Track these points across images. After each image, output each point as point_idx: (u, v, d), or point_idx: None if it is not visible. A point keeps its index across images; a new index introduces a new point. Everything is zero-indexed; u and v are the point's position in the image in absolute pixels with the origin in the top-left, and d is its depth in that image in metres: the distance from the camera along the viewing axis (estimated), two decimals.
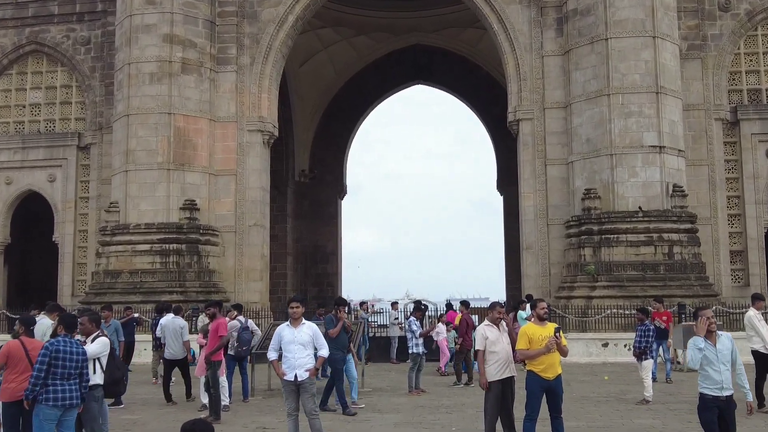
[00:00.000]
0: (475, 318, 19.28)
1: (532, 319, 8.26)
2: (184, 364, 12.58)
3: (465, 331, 15.19)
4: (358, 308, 22.18)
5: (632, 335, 16.99)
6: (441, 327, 17.06)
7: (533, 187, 22.05)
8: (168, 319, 12.75)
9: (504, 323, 8.45)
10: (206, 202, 22.32)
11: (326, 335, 10.90)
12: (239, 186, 22.75)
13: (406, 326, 14.21)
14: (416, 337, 13.87)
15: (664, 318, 15.66)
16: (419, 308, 15.00)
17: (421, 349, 13.89)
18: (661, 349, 15.45)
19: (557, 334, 7.84)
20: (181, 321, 12.78)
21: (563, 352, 7.93)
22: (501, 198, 35.29)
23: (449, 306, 20.07)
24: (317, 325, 8.91)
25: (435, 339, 17.02)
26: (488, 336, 8.23)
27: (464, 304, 16.13)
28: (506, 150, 32.32)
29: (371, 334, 21.68)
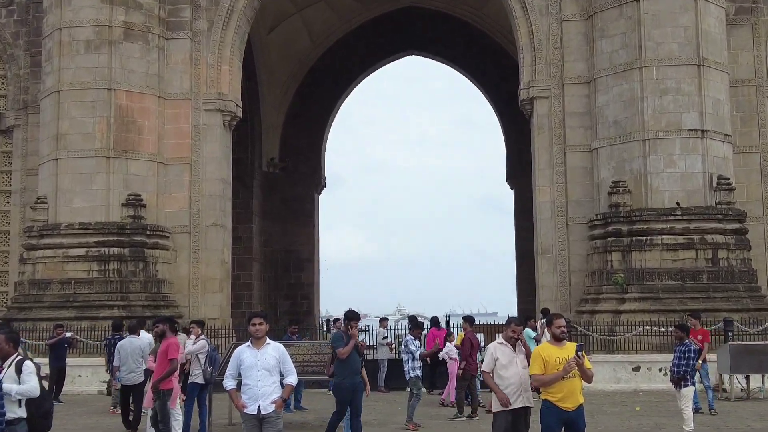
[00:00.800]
0: (480, 337, 19.22)
1: (548, 339, 8.27)
2: (140, 391, 12.75)
3: (469, 352, 15.14)
4: (331, 325, 22.03)
5: (669, 357, 16.97)
6: (450, 347, 16.97)
7: (550, 179, 22.08)
8: (126, 341, 13.11)
9: (522, 344, 8.48)
10: (154, 197, 22.22)
11: (334, 356, 10.98)
12: (195, 178, 22.64)
13: (403, 346, 14.28)
14: (415, 359, 13.93)
15: (699, 337, 15.67)
16: (417, 325, 15.01)
17: (419, 372, 13.97)
18: (698, 374, 15.41)
19: (579, 354, 7.81)
20: (142, 341, 13.05)
21: (586, 377, 7.90)
22: (511, 193, 35.37)
23: (434, 322, 19.95)
24: (287, 346, 8.78)
25: (445, 358, 16.91)
26: (499, 357, 8.28)
27: (468, 320, 16.07)
28: (518, 135, 32.34)
29: None
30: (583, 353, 7.89)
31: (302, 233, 34.69)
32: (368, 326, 25.99)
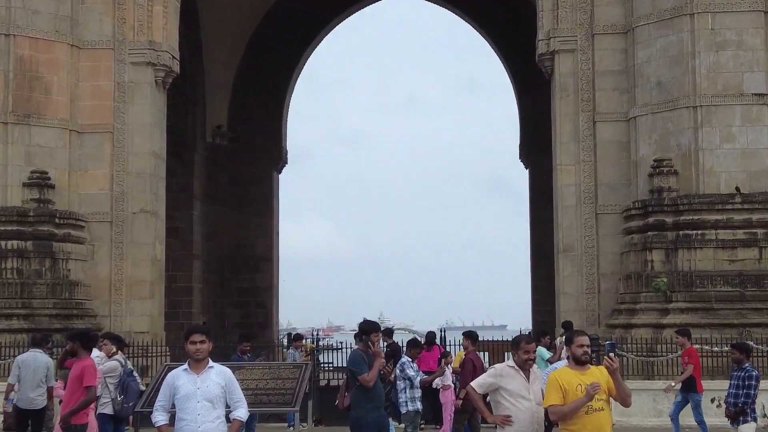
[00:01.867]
0: (484, 357, 19.22)
1: (567, 362, 8.35)
2: (41, 417, 12.79)
3: (471, 376, 15.09)
4: (289, 345, 21.98)
5: (724, 384, 17.04)
6: (445, 372, 16.89)
7: (575, 156, 22.11)
8: (29, 355, 13.30)
9: (536, 370, 8.56)
10: (65, 175, 22.09)
11: (350, 383, 10.93)
12: (118, 151, 22.53)
13: (398, 370, 14.34)
14: (414, 387, 14.03)
15: (686, 359, 15.89)
16: (416, 344, 15.06)
17: (419, 405, 14.07)
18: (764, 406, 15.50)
19: (610, 356, 7.87)
20: (46, 357, 13.25)
21: (622, 395, 7.97)
22: (526, 173, 35.45)
23: (430, 340, 19.70)
24: (237, 369, 8.73)
25: (438, 386, 16.82)
26: (504, 382, 8.36)
27: (469, 336, 16.00)
28: (535, 100, 32.36)
29: (323, 382, 21.60)
30: (616, 356, 7.96)
31: (257, 224, 34.61)
32: (340, 343, 26.00)
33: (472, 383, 8.74)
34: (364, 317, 12.07)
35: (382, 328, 13.79)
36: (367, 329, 11.12)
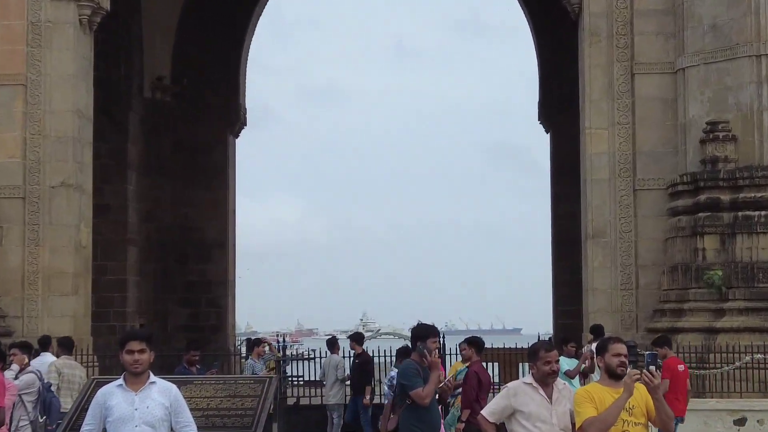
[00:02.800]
0: (493, 370, 19.21)
1: (597, 376, 8.43)
2: None
3: (475, 394, 15.09)
4: (248, 354, 22.11)
5: None
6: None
7: (608, 117, 22.17)
8: (38, 361, 14.21)
9: (560, 386, 8.59)
10: None
11: (398, 402, 10.88)
12: (32, 108, 22.50)
13: (386, 387, 14.53)
14: None
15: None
16: (409, 353, 14.97)
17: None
18: None
19: (651, 370, 7.94)
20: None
21: (663, 417, 8.10)
22: (546, 139, 35.47)
23: (404, 350, 19.88)
24: (184, 385, 8.69)
25: None
26: (521, 407, 8.39)
27: (473, 344, 15.99)
28: (557, 47, 32.43)
29: (292, 400, 21.67)
30: (659, 370, 7.99)
31: (209, 201, 34.63)
32: (312, 351, 26.02)
33: (483, 411, 8.72)
34: (419, 322, 12.01)
35: (375, 334, 13.79)
36: (422, 334, 11.14)
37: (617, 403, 7.93)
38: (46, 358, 16.61)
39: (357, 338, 21.64)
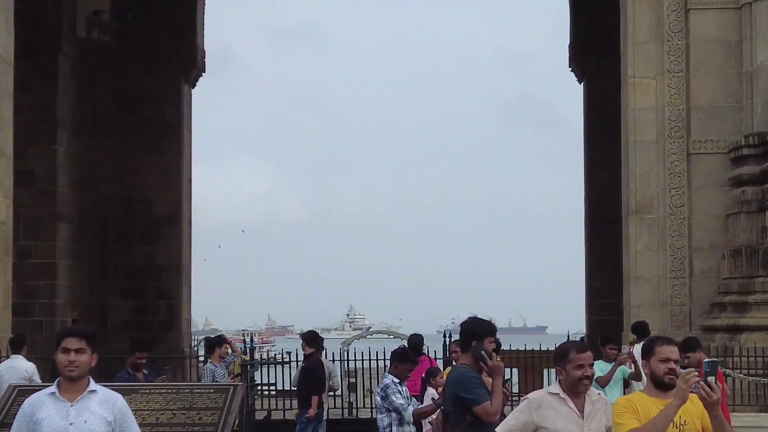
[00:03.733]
0: (512, 377, 19.28)
1: (641, 385, 8.45)
2: None
3: None
4: (228, 351, 22.29)
5: None
6: (431, 393, 17.28)
7: (656, 63, 22.30)
8: (7, 365, 15.00)
9: (594, 396, 8.60)
10: None
11: (455, 417, 10.75)
12: None
13: (378, 398, 14.63)
14: (404, 423, 14.33)
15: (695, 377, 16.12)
16: (406, 356, 15.21)
17: None
18: None
19: (707, 383, 7.87)
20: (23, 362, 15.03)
21: None
22: (578, 90, 35.48)
23: (415, 348, 19.99)
24: (129, 394, 8.71)
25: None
26: (546, 424, 8.42)
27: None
28: None
29: (261, 414, 21.76)
30: (718, 382, 7.99)
31: (158, 167, 34.71)
32: (288, 354, 26.08)
33: (499, 429, 8.66)
34: (472, 315, 11.69)
35: (365, 332, 13.95)
36: (480, 331, 10.93)
37: (666, 411, 7.90)
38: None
39: (310, 338, 21.68)
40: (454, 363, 16.29)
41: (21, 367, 17.66)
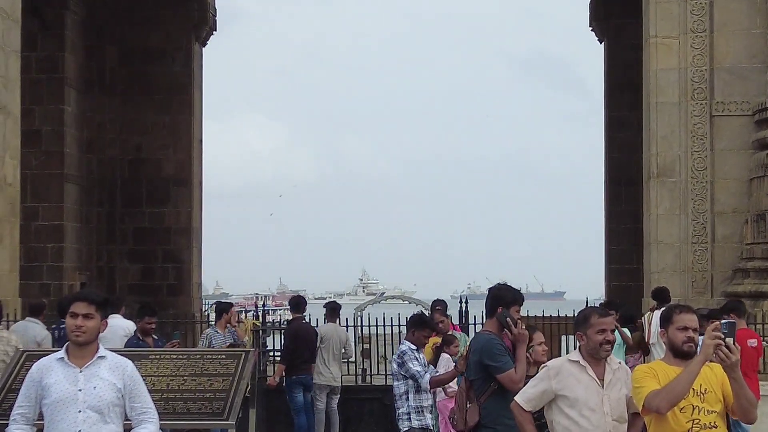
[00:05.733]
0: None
1: (661, 354, 8.47)
2: None
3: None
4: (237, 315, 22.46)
5: None
6: (446, 362, 17.25)
7: (679, 22, 22.23)
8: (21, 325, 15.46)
9: (614, 364, 8.70)
10: None
11: (490, 387, 10.80)
12: None
13: (394, 365, 14.74)
14: (420, 392, 14.41)
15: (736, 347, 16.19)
16: (423, 322, 15.26)
17: (428, 421, 14.53)
18: None
19: (726, 344, 7.94)
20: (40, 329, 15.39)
21: (741, 405, 8.13)
22: (598, 50, 35.38)
23: (417, 319, 20.07)
24: (139, 360, 8.74)
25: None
26: (565, 392, 8.51)
27: (507, 299, 16.13)
28: None
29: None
30: (735, 343, 8.04)
31: (168, 126, 34.69)
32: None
33: (517, 398, 8.73)
34: (500, 283, 11.66)
35: (378, 298, 13.94)
36: (509, 298, 11.02)
37: (689, 368, 7.96)
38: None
39: (295, 304, 21.80)
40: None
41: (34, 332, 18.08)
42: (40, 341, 17.85)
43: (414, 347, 14.58)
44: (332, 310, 22.00)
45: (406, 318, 17.40)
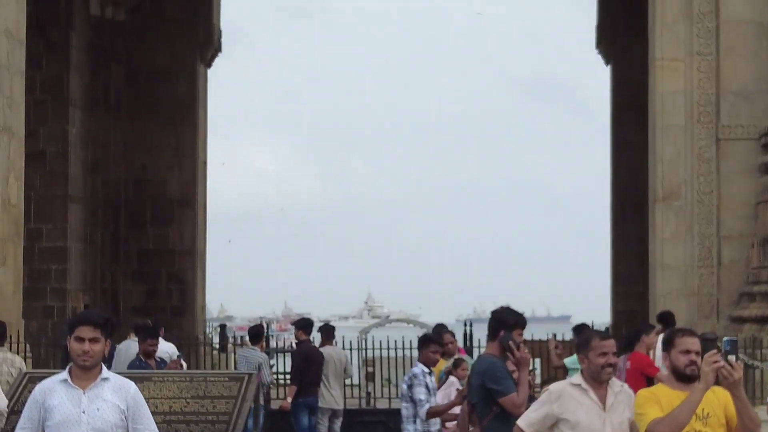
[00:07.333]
0: (536, 366, 19.27)
1: (663, 377, 8.64)
2: None
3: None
4: (232, 337, 22.49)
5: None
6: (453, 384, 17.24)
7: (686, 44, 22.26)
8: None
9: (617, 387, 8.63)
10: None
11: (492, 411, 10.72)
12: None
13: (405, 384, 14.71)
14: (420, 422, 14.33)
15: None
16: (432, 339, 15.28)
17: None
18: None
19: (729, 362, 7.89)
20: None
21: (745, 425, 8.07)
22: (605, 72, 35.45)
23: (425, 339, 20.09)
24: (142, 381, 8.74)
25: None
26: (566, 415, 8.44)
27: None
28: None
29: (278, 404, 21.97)
30: (739, 360, 8.02)
31: (173, 147, 34.70)
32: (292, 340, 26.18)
33: (520, 422, 8.69)
34: (503, 305, 11.63)
35: (382, 321, 13.93)
36: (511, 321, 10.96)
37: (691, 397, 7.91)
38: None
39: (303, 325, 21.85)
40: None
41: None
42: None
43: (427, 370, 14.59)
44: (327, 332, 22.02)
45: (410, 341, 17.43)
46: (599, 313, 35.54)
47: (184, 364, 18.94)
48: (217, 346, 29.34)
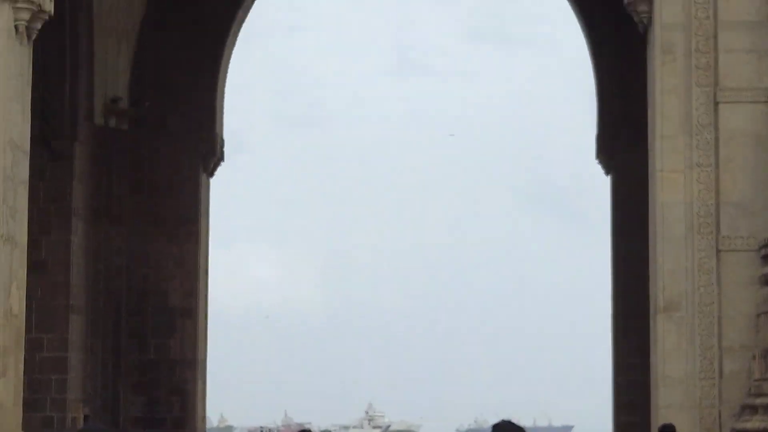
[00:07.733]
0: None
1: None
2: None
3: None
4: None
5: None
6: None
7: (685, 157, 22.24)
8: None
9: None
10: None
11: None
12: None
13: None
14: None
15: None
16: None
17: None
18: None
19: None
20: None
21: None
22: (605, 183, 35.48)
23: None
24: None
25: None
26: None
27: None
28: (621, 66, 32.53)
29: None
30: None
31: (175, 256, 34.69)
32: None
33: None
34: (503, 419, 11.60)
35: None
36: None
37: None
38: None
39: None
40: None
41: None
42: None
43: None
44: None
45: None
46: (601, 424, 35.33)
47: None
48: None
